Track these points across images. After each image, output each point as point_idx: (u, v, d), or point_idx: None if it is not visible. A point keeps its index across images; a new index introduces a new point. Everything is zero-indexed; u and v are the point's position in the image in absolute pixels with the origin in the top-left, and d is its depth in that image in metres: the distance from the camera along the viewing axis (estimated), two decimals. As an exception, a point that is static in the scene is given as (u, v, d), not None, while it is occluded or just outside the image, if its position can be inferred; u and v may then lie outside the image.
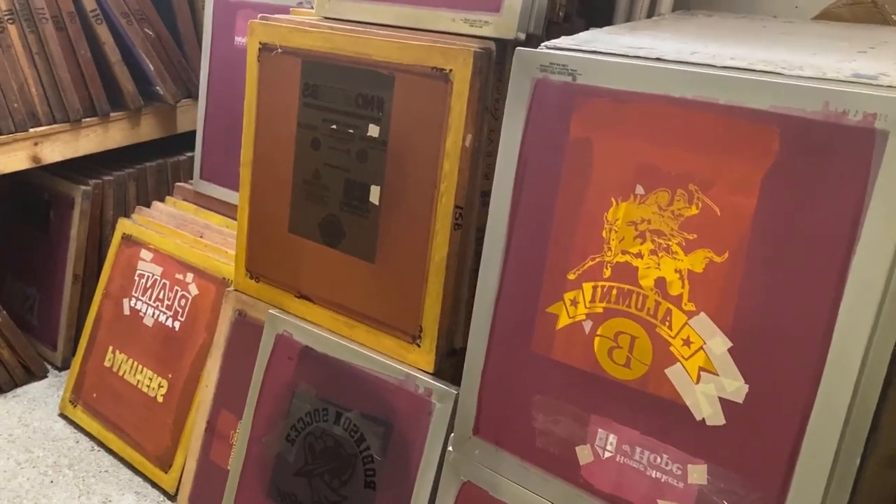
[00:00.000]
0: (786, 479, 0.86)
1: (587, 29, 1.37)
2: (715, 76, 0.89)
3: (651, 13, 1.47)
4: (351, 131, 1.42)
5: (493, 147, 1.29)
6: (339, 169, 1.45)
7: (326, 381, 1.49)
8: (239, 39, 1.98)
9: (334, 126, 1.44)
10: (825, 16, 1.35)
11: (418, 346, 1.37)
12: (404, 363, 1.39)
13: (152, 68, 2.21)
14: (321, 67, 1.45)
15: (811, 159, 0.84)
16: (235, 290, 1.68)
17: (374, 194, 1.41)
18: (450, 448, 1.21)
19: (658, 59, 0.95)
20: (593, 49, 1.01)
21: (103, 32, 2.12)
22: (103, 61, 2.14)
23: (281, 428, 1.53)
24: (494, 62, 1.28)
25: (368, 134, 1.40)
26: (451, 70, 1.27)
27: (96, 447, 1.92)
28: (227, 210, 1.98)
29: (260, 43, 1.54)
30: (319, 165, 1.48)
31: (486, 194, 1.32)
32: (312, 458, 1.49)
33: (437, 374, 1.36)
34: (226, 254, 1.84)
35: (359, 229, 1.44)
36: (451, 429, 1.24)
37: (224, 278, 1.79)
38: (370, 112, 1.39)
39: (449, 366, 1.38)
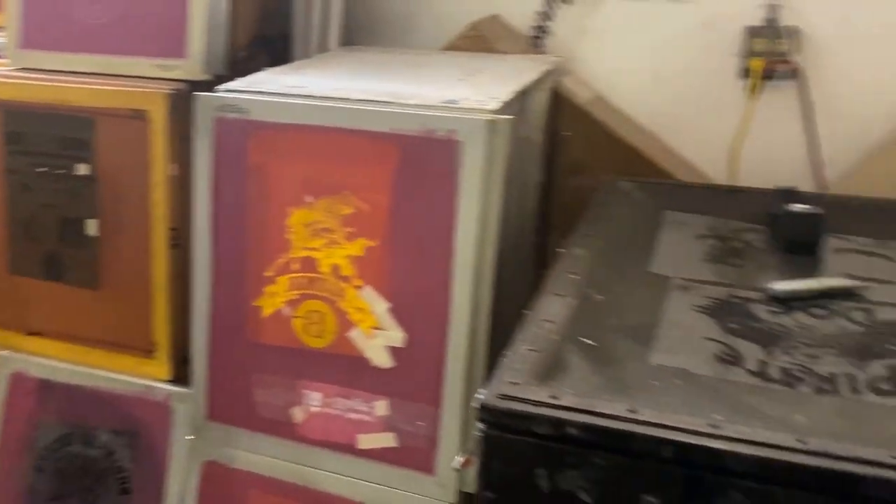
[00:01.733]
0: (439, 393, 1.19)
1: (270, 64, 1.62)
2: (347, 109, 1.19)
3: (322, 49, 1.75)
4: (60, 172, 1.54)
5: (198, 173, 1.50)
6: (54, 207, 1.56)
7: (70, 408, 1.60)
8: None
9: (44, 169, 1.55)
10: (449, 47, 1.73)
11: (153, 358, 1.53)
12: (143, 376, 1.54)
13: None
14: (22, 116, 1.55)
15: (421, 164, 1.16)
16: (-42, 339, 1.70)
17: (92, 227, 1.54)
18: (189, 436, 1.40)
19: (308, 97, 1.23)
20: (259, 90, 1.26)
21: None
22: None
23: (28, 461, 1.60)
24: (188, 100, 1.48)
25: (79, 173, 1.53)
26: (148, 111, 1.45)
27: None
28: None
29: (-41, 95, 1.59)
30: (34, 207, 1.58)
31: (197, 215, 1.52)
32: (64, 482, 1.59)
33: (175, 381, 1.53)
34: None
35: (80, 261, 1.56)
36: (191, 423, 1.43)
37: (-57, 330, 1.78)
38: (77, 153, 1.53)
39: (185, 372, 1.56)
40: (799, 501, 0.75)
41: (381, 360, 1.23)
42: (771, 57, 1.62)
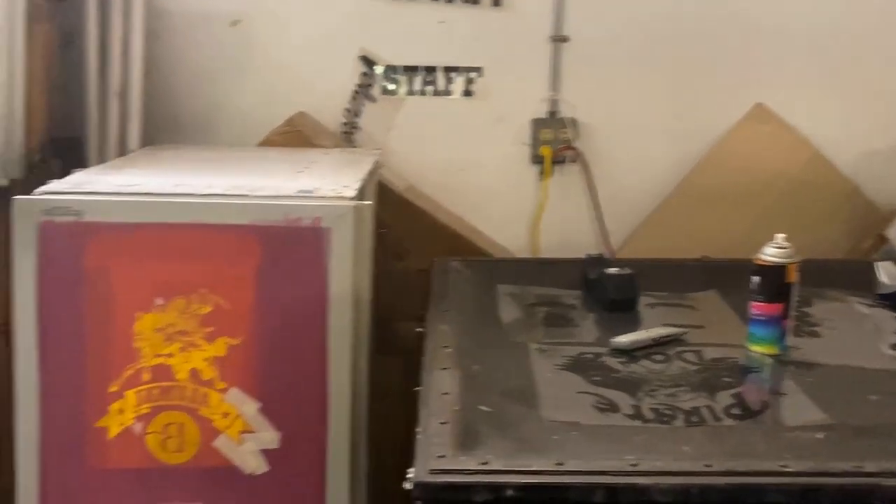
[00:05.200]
0: (322, 494, 1.14)
1: (64, 168, 1.50)
2: (200, 203, 1.15)
3: (122, 150, 1.65)
4: None
5: (1, 283, 1.31)
6: None
7: None
8: None
9: None
10: (266, 143, 1.74)
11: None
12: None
13: None
14: None
15: (286, 254, 1.15)
16: None
17: None
18: None
19: (150, 194, 1.16)
20: (92, 190, 1.16)
21: None
22: None
23: None
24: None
25: None
26: (-68, 222, 1.26)
27: None
28: None
29: None
30: None
31: (6, 330, 1.32)
32: None
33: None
34: None
35: None
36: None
37: None
38: None
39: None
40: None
41: (254, 465, 1.15)
42: (556, 144, 1.85)
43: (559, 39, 1.83)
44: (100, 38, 1.65)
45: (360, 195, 1.24)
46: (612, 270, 1.47)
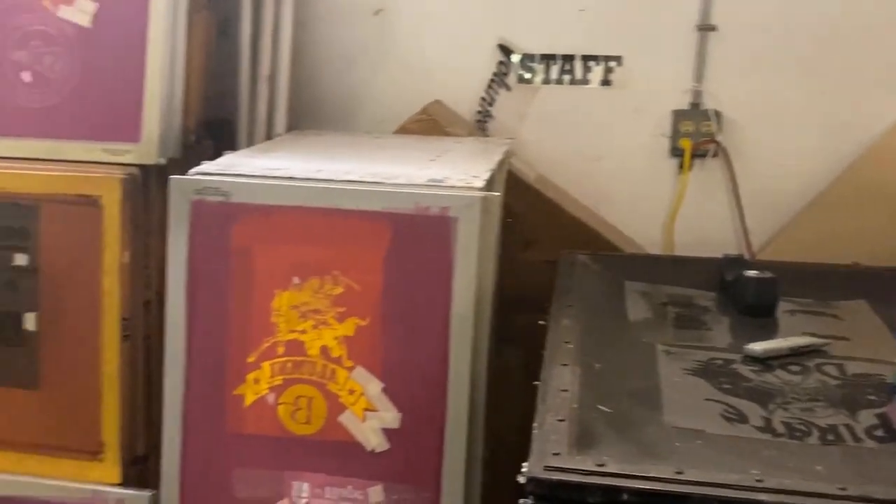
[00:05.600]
0: (438, 475, 1.16)
1: (216, 149, 1.60)
2: (338, 189, 1.19)
3: (269, 133, 1.74)
4: (-6, 263, 1.43)
5: (149, 259, 1.43)
6: (-13, 301, 1.44)
7: (2, 524, 1.43)
8: None
9: (-25, 260, 1.43)
10: (402, 130, 1.78)
11: (101, 461, 1.42)
12: (88, 482, 1.41)
13: None
14: (-46, 206, 1.43)
15: (414, 241, 1.18)
16: None
17: (30, 321, 1.43)
18: (156, 543, 1.29)
19: (292, 178, 1.22)
20: (239, 172, 1.24)
21: None
22: None
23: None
24: (140, 185, 1.43)
25: (15, 263, 1.42)
26: (100, 196, 1.39)
27: None
28: None
29: None
30: (-37, 302, 1.45)
31: (148, 303, 1.44)
32: None
33: (125, 483, 1.41)
34: None
35: (16, 359, 1.44)
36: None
37: None
38: (15, 242, 1.43)
39: (134, 473, 1.45)
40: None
41: (376, 443, 1.20)
42: (698, 137, 1.77)
43: (706, 28, 1.75)
44: (252, 26, 1.75)
45: (489, 186, 1.25)
46: (751, 273, 1.40)
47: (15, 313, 1.43)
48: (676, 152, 1.80)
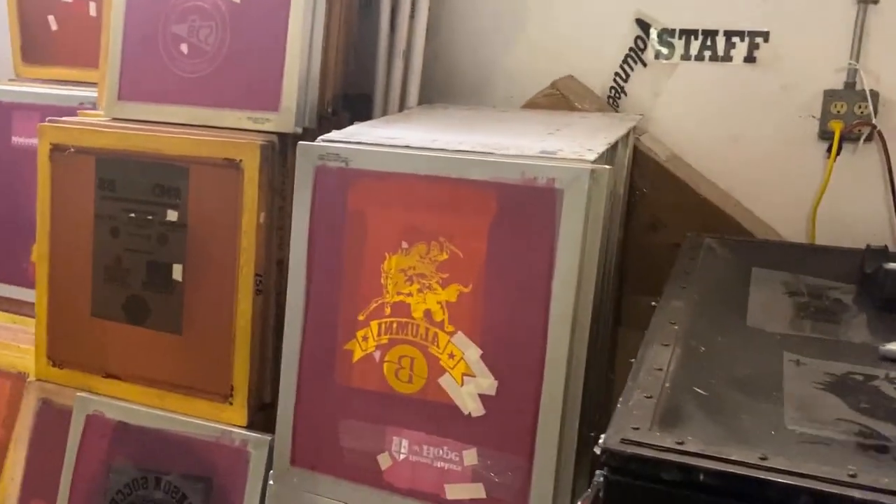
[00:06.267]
0: (531, 444, 1.17)
1: (351, 121, 1.68)
2: (448, 158, 1.22)
3: (402, 107, 1.80)
4: (150, 217, 1.59)
5: (283, 221, 1.54)
6: (141, 252, 1.61)
7: (143, 452, 1.60)
8: (17, 139, 2.03)
9: (133, 214, 1.60)
10: (530, 105, 1.78)
11: (231, 404, 1.54)
12: (219, 422, 1.54)
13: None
14: (116, 163, 1.61)
15: (519, 212, 1.18)
16: (37, 379, 1.72)
17: (177, 272, 1.58)
18: (270, 482, 1.40)
19: (407, 147, 1.27)
20: (358, 140, 1.30)
21: None
22: None
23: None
24: (278, 152, 1.53)
25: (167, 219, 1.58)
26: (241, 160, 1.50)
27: None
28: (13, 306, 2.00)
29: (51, 144, 1.66)
30: (120, 251, 1.62)
31: (280, 262, 1.55)
32: (135, 526, 1.59)
33: (251, 427, 1.53)
34: (18, 349, 1.86)
35: (164, 305, 1.59)
36: (268, 471, 1.42)
37: (20, 372, 1.81)
38: (168, 200, 1.57)
39: (260, 418, 1.56)
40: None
41: (472, 407, 1.22)
42: (850, 119, 1.64)
43: (867, 0, 1.60)
44: (392, 2, 1.81)
45: (602, 160, 1.23)
46: (893, 265, 1.28)
47: (166, 264, 1.59)
48: (826, 135, 1.67)
